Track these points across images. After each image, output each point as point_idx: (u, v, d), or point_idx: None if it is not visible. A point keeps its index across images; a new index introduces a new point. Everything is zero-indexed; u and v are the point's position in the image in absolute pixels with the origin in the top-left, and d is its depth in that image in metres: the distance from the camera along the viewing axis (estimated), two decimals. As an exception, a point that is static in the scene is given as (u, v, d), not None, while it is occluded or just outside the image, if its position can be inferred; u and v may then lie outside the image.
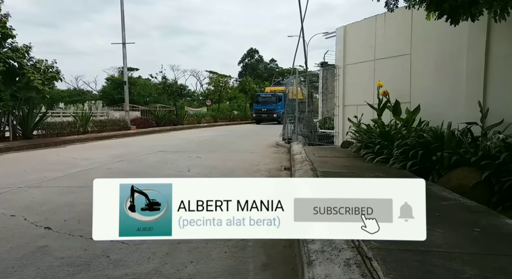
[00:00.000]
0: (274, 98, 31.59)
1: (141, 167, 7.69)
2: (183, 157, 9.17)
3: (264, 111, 31.54)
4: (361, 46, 9.41)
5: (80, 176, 6.64)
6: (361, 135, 7.61)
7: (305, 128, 12.08)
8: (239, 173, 6.95)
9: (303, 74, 14.35)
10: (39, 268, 2.77)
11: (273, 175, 6.85)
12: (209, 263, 2.90)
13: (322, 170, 5.55)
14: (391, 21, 8.40)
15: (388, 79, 8.07)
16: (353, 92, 9.72)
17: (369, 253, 2.35)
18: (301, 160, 6.75)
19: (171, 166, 7.83)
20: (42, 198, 4.94)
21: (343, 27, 10.00)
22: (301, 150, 8.38)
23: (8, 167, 7.75)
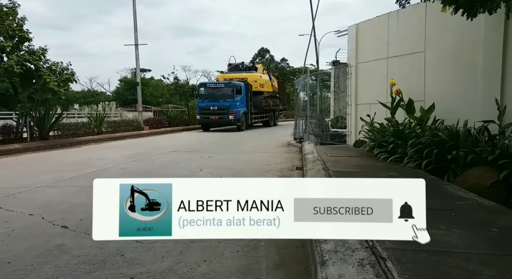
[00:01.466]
0: (229, 90, 19.91)
1: (154, 167, 7.76)
2: (195, 157, 9.22)
3: (214, 111, 19.72)
4: (373, 44, 9.32)
5: (95, 176, 6.72)
6: (374, 135, 7.54)
7: (316, 128, 12.01)
8: (251, 173, 6.95)
9: (314, 73, 14.29)
10: (56, 266, 2.83)
11: (285, 174, 6.83)
12: (222, 262, 2.91)
13: (335, 169, 5.52)
14: (405, 18, 8.30)
15: (402, 77, 7.99)
16: (366, 90, 9.64)
17: (383, 253, 2.33)
18: (313, 160, 6.71)
19: (184, 165, 7.88)
20: (59, 198, 5.03)
21: (355, 25, 9.93)
22: (313, 149, 8.34)
23: (26, 167, 7.89)
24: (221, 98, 19.69)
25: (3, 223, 3.88)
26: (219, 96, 19.78)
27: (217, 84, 20.92)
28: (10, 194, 5.20)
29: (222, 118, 19.51)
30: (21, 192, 5.36)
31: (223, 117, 19.47)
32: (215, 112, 19.61)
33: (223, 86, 20.17)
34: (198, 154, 9.79)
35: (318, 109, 12.46)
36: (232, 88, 19.85)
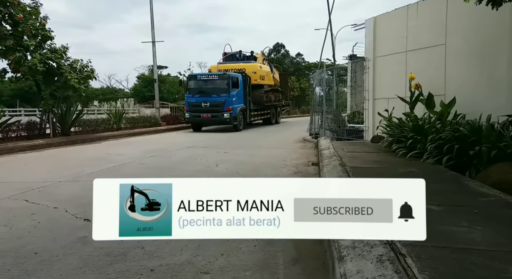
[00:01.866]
0: (223, 83, 16.79)
1: (172, 163, 7.84)
2: (211, 153, 9.27)
3: (206, 108, 16.71)
4: (392, 37, 9.18)
5: (115, 170, 6.84)
6: (392, 130, 7.44)
7: (333, 123, 11.91)
8: (266, 169, 6.96)
9: (330, 68, 14.16)
10: (80, 257, 2.91)
11: (301, 170, 6.81)
12: (239, 256, 2.93)
13: (352, 165, 5.46)
14: (424, 10, 8.14)
15: (421, 71, 7.84)
16: (384, 85, 9.51)
17: (402, 249, 2.30)
18: (329, 155, 6.66)
19: (200, 161, 7.94)
20: (81, 192, 5.13)
21: (373, 19, 9.79)
22: (329, 145, 8.27)
23: (49, 162, 8.08)
24: (214, 92, 16.56)
25: (30, 215, 4.02)
26: (212, 91, 16.65)
27: (209, 76, 17.25)
28: (36, 187, 5.34)
29: (215, 116, 16.46)
30: (46, 186, 5.50)
31: (216, 115, 16.39)
32: (207, 110, 16.46)
33: (217, 79, 16.81)
34: (214, 150, 9.85)
35: (334, 104, 12.35)
36: (227, 80, 16.50)
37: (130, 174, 6.58)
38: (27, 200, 4.67)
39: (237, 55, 20.85)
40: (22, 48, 11.13)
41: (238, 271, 2.68)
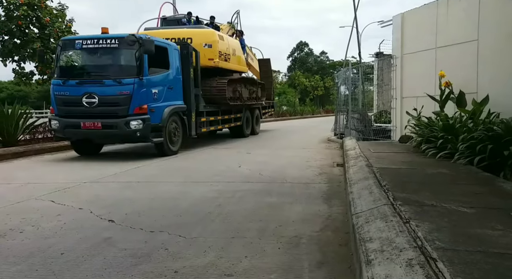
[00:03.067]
0: (127, 54, 8.34)
1: (193, 163, 7.95)
2: (233, 153, 9.35)
3: (91, 107, 8.16)
4: (420, 34, 9.03)
5: (137, 172, 6.98)
6: (421, 129, 7.32)
7: (358, 123, 11.80)
8: (290, 169, 6.95)
9: (356, 66, 14.02)
10: (105, 258, 2.98)
11: (325, 171, 6.78)
12: (263, 259, 2.95)
13: (379, 166, 5.40)
14: (455, 5, 7.97)
15: (451, 68, 7.67)
16: (412, 83, 9.36)
17: (433, 253, 2.27)
18: (355, 156, 6.60)
19: (222, 162, 8.01)
20: (105, 193, 5.29)
21: (401, 15, 9.65)
22: (355, 145, 8.19)
23: (67, 165, 8.30)
24: (109, 74, 8.35)
25: (56, 216, 4.14)
26: (104, 71, 8.53)
27: (99, 41, 8.45)
28: (61, 188, 5.51)
29: (109, 126, 8.18)
30: (71, 187, 5.67)
31: (112, 123, 8.14)
32: (94, 111, 8.21)
33: (114, 46, 8.36)
34: (236, 150, 9.92)
35: (360, 103, 12.24)
36: (137, 50, 8.18)
37: (153, 175, 6.70)
38: (53, 200, 4.81)
39: (184, 20, 12.83)
40: (49, 51, 11.49)
41: (262, 274, 2.69)
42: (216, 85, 11.28)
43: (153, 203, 4.65)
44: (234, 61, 12.98)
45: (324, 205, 4.49)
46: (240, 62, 13.84)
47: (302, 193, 5.16)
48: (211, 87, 11.21)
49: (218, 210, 4.28)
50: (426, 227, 2.67)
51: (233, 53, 12.85)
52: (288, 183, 5.82)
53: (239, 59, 13.73)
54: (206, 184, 5.75)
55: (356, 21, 13.33)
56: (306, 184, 5.69)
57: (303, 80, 50.14)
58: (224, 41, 12.17)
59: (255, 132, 14.96)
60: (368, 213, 3.17)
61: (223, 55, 11.90)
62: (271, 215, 4.08)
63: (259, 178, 6.23)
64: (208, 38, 11.52)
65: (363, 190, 4.02)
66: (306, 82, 50.03)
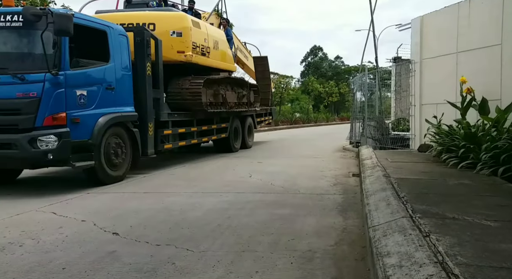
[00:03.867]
0: (33, 35, 5.85)
1: (203, 173, 7.98)
2: (244, 162, 9.36)
3: None
4: (441, 38, 8.99)
5: (144, 182, 7.05)
6: (442, 138, 7.26)
7: (375, 131, 11.74)
8: (304, 179, 6.94)
9: (372, 71, 13.98)
10: (109, 273, 2.99)
11: (340, 181, 6.75)
12: (274, 274, 2.94)
13: (397, 176, 5.35)
14: (478, 8, 7.92)
15: (473, 74, 7.61)
16: (432, 89, 9.30)
17: (455, 269, 2.24)
18: (372, 166, 6.57)
19: (232, 171, 8.04)
20: (109, 204, 5.34)
21: (420, 18, 9.64)
22: (372, 154, 8.16)
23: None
24: (6, 67, 5.85)
25: (57, 228, 4.16)
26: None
27: None
28: (63, 199, 5.58)
29: (5, 145, 5.73)
30: (74, 197, 5.73)
31: (10, 141, 5.71)
32: None
33: (17, 24, 5.86)
34: (247, 159, 9.93)
35: (377, 110, 12.18)
36: (44, 29, 5.58)
37: (160, 184, 6.74)
38: (55, 212, 4.84)
39: (152, 3, 10.48)
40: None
41: (273, 290, 2.69)
42: (189, 87, 8.87)
43: (159, 215, 4.67)
44: (216, 57, 10.58)
45: (339, 217, 4.47)
46: (226, 58, 11.36)
47: (316, 204, 5.14)
48: (181, 89, 8.87)
49: (227, 222, 4.29)
50: (447, 241, 2.64)
51: (215, 47, 10.43)
52: (301, 193, 5.81)
53: (224, 55, 11.25)
54: (216, 194, 5.77)
55: (373, 24, 13.30)
56: (320, 195, 5.67)
57: (317, 86, 50.02)
58: (201, 30, 9.76)
59: (247, 146, 12.66)
60: (386, 226, 3.15)
61: (199, 47, 9.41)
62: (284, 228, 4.07)
63: (271, 188, 6.23)
64: (177, 23, 8.95)
65: (380, 201, 3.99)
66: (320, 88, 49.92)
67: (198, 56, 9.35)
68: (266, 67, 15.73)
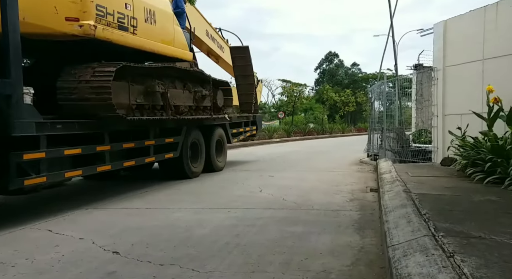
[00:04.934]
0: None
1: (210, 187, 8.01)
2: (254, 176, 9.36)
3: None
4: (465, 44, 8.97)
5: (147, 196, 7.08)
6: (466, 151, 7.19)
7: (395, 143, 11.68)
8: (318, 194, 6.93)
9: (392, 79, 13.96)
10: (109, 294, 2.99)
11: (357, 197, 6.72)
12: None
13: (418, 191, 5.32)
14: (506, 11, 7.91)
15: (501, 82, 7.56)
16: (456, 99, 9.25)
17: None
18: (391, 180, 6.54)
19: (242, 185, 8.05)
20: (109, 220, 5.36)
21: (443, 22, 9.63)
22: (391, 168, 8.14)
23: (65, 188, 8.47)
24: None
25: (53, 247, 4.16)
26: None
27: None
28: (60, 215, 5.59)
29: None
30: (71, 214, 5.74)
31: None
32: None
33: None
34: (257, 173, 9.94)
35: (396, 121, 12.13)
36: None
37: (165, 200, 6.77)
38: (51, 230, 4.86)
39: None
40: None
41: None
42: (91, 79, 6.05)
43: (163, 232, 4.69)
44: (152, 35, 7.57)
45: (355, 235, 4.44)
46: (171, 40, 8.34)
47: (331, 221, 5.11)
48: (79, 82, 6.03)
49: (236, 240, 4.29)
50: (473, 262, 2.61)
51: (149, 20, 7.52)
52: (315, 209, 5.79)
53: (168, 34, 8.22)
54: (224, 210, 5.78)
55: (392, 29, 13.32)
56: (335, 211, 5.65)
57: (332, 95, 50.06)
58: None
59: (215, 168, 10.15)
60: (406, 245, 3.12)
61: (114, 16, 6.57)
62: (296, 246, 4.06)
63: (283, 204, 6.22)
64: None
65: (400, 218, 3.97)
66: (336, 97, 49.93)
67: (110, 30, 6.42)
68: (247, 61, 12.76)
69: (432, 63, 10.41)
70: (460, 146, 7.57)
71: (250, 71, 13.03)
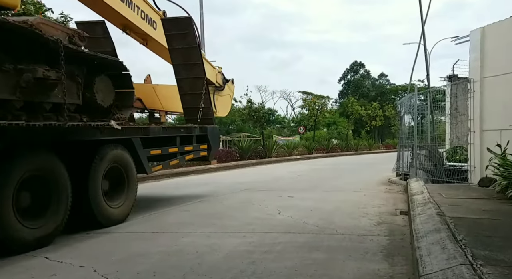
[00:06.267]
0: None
1: (223, 209, 8.01)
2: (272, 197, 9.34)
3: None
4: (505, 52, 8.92)
5: (154, 219, 7.11)
6: (507, 170, 7.10)
7: (427, 161, 11.60)
8: (342, 217, 6.87)
9: (423, 91, 13.88)
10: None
11: (385, 220, 6.65)
12: None
13: (453, 215, 5.27)
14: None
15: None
16: (494, 113, 9.16)
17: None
18: (423, 202, 6.52)
19: (258, 207, 8.03)
20: (113, 246, 5.37)
21: (480, 29, 9.61)
22: (423, 188, 8.11)
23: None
24: None
25: (50, 276, 4.15)
26: None
27: None
28: (58, 241, 5.53)
29: None
30: (71, 239, 5.73)
31: None
32: None
33: None
34: (276, 193, 9.91)
35: (428, 137, 12.04)
36: None
37: (173, 223, 6.80)
38: (48, 257, 4.86)
39: None
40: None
41: None
42: None
43: (171, 259, 4.68)
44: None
45: (384, 263, 4.38)
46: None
47: (356, 247, 5.05)
48: None
49: (252, 268, 4.27)
50: (515, 295, 2.55)
51: None
52: (339, 234, 5.73)
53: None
54: (238, 234, 5.77)
55: (424, 36, 13.30)
56: (361, 236, 5.59)
57: (358, 108, 49.92)
58: None
59: (105, 219, 6.39)
60: (441, 274, 3.09)
61: None
62: (318, 275, 4.01)
63: (303, 227, 6.18)
64: None
65: (434, 245, 3.93)
66: (362, 111, 49.75)
67: None
68: (190, 41, 9.52)
69: (468, 74, 10.37)
70: (500, 164, 7.48)
71: (196, 57, 9.59)
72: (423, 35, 13.26)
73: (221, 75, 12.83)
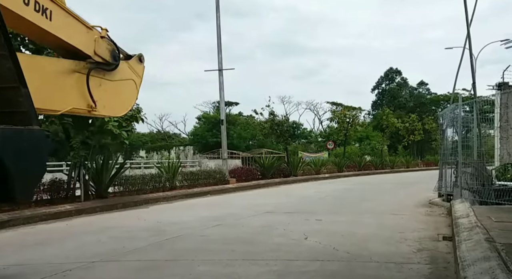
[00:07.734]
0: None
1: (244, 233, 8.03)
2: (298, 220, 9.34)
3: None
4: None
5: (167, 245, 7.17)
6: None
7: (473, 180, 11.48)
8: (377, 243, 6.85)
9: (469, 102, 13.77)
10: None
11: (427, 247, 6.59)
12: None
13: (505, 241, 5.20)
14: None
15: None
16: (550, 124, 9.04)
17: None
18: (470, 226, 6.46)
19: (282, 231, 8.03)
20: (121, 276, 5.42)
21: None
22: (469, 211, 8.03)
23: (79, 235, 8.58)
24: None
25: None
26: None
27: None
28: (60, 271, 5.62)
29: None
30: (74, 268, 5.80)
31: None
32: None
33: None
34: (302, 216, 9.91)
35: (475, 153, 11.92)
36: None
37: (189, 249, 6.85)
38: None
39: None
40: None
41: None
42: None
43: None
44: None
45: (425, 296, 4.35)
46: None
47: (394, 276, 5.03)
48: None
49: (276, 299, 4.27)
50: None
51: None
52: (374, 262, 5.71)
53: None
54: (260, 262, 5.78)
55: (470, 40, 13.21)
56: (399, 264, 5.55)
57: (394, 120, 49.65)
58: None
59: None
60: (490, 309, 3.05)
61: None
62: (350, 308, 4.01)
63: (333, 254, 6.17)
64: None
65: (483, 274, 3.89)
66: (398, 124, 49.47)
67: None
68: None
69: (520, 80, 10.26)
70: (558, 183, 7.37)
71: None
72: (469, 38, 13.18)
73: (108, 43, 7.65)
